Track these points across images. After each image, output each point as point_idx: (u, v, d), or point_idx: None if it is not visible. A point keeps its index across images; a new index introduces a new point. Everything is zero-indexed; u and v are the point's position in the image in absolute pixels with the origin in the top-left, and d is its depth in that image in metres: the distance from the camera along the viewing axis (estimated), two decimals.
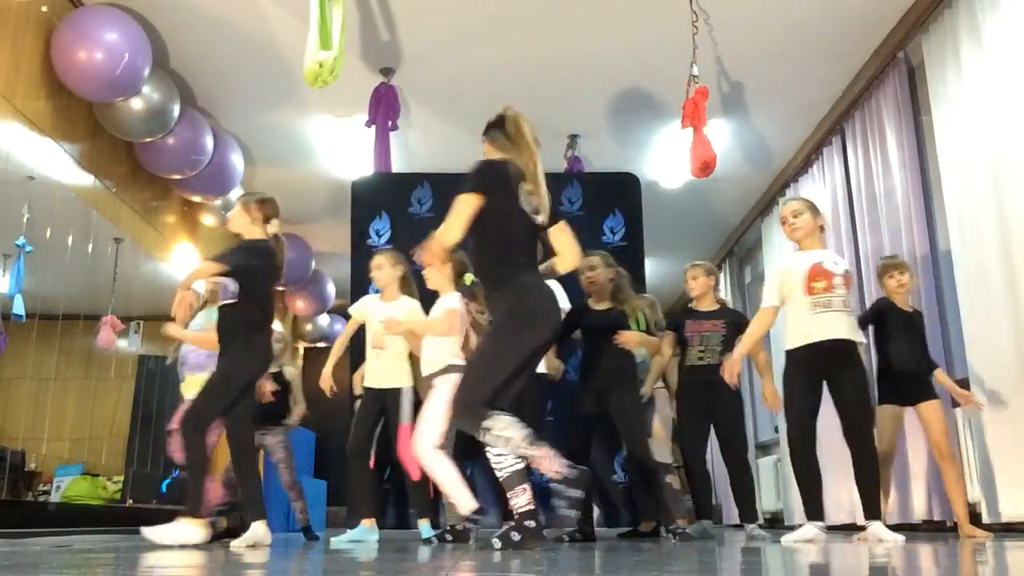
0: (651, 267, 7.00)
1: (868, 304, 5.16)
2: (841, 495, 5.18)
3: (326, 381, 4.09)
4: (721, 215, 7.79)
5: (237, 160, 6.00)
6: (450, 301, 3.71)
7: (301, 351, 9.75)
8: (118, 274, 5.47)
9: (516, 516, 2.71)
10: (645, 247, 5.83)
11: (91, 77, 4.45)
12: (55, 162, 4.65)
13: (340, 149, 6.26)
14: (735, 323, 4.25)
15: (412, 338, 3.95)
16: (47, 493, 4.89)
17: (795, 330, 3.54)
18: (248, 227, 3.55)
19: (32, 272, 4.30)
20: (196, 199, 6.14)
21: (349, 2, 4.53)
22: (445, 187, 3.24)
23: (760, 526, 4.24)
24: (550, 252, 3.09)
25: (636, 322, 4.12)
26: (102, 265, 5.36)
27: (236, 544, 3.34)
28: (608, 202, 5.89)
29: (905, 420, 4.06)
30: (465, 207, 2.85)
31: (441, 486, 3.65)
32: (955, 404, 4.15)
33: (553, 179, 5.86)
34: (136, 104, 4.82)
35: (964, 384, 4.21)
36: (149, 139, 5.14)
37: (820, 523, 3.44)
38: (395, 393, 4.08)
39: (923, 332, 4.05)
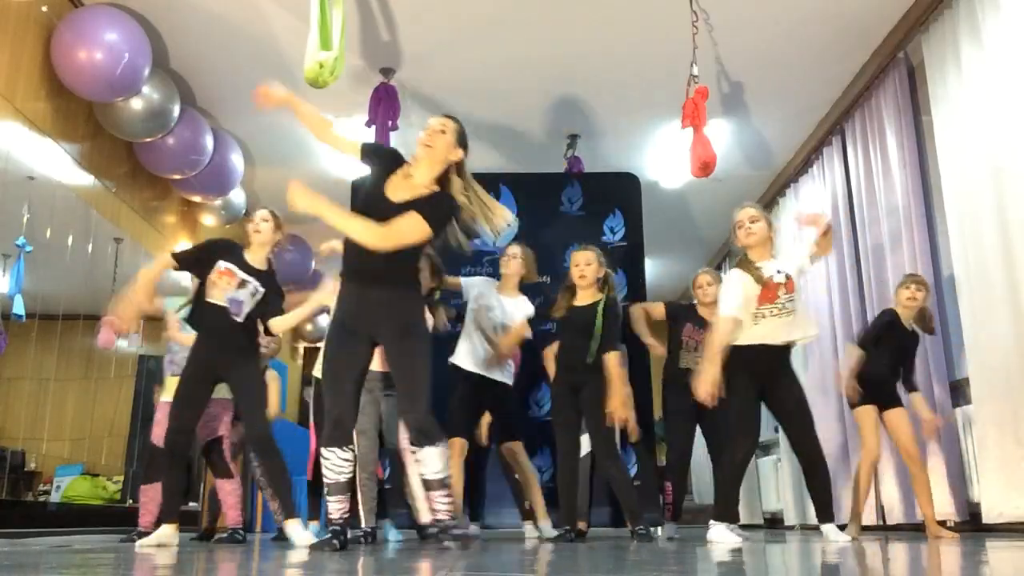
0: (651, 267, 6.99)
1: (870, 305, 5.17)
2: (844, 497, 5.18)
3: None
4: (721, 215, 7.77)
5: (237, 160, 6.00)
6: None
7: (301, 350, 9.75)
8: (118, 274, 5.46)
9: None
10: (645, 247, 5.83)
11: (91, 77, 4.45)
12: (55, 162, 4.65)
13: None
14: None
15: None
16: (47, 493, 4.89)
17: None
18: None
19: (32, 272, 4.30)
20: (196, 199, 6.13)
21: (349, 2, 4.53)
22: None
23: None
24: None
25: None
26: (102, 265, 5.36)
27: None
28: (608, 202, 5.87)
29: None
30: None
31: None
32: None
33: (553, 179, 5.94)
34: (136, 104, 4.82)
35: (964, 384, 4.22)
36: (149, 139, 5.13)
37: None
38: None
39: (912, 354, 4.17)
